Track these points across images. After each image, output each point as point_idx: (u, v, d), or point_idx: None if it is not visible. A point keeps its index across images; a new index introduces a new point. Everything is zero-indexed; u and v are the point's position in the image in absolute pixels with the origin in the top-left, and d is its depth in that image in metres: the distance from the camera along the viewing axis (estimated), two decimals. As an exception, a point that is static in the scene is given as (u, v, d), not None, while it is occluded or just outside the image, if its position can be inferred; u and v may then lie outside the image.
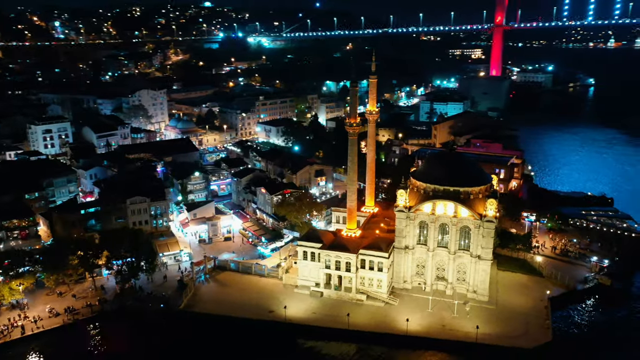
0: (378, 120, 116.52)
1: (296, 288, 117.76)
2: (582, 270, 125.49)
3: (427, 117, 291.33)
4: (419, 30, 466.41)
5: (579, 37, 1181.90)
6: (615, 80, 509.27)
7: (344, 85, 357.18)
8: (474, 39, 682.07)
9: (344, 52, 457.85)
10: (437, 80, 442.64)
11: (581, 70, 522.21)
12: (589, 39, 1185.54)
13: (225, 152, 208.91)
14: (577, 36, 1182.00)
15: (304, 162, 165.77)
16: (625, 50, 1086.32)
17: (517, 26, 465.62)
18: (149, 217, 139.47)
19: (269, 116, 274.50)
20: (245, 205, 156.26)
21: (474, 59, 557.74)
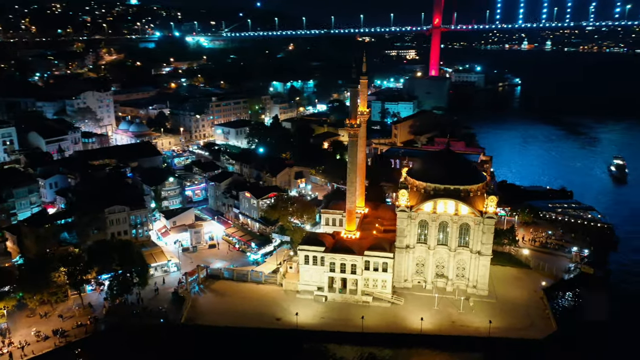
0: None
1: (298, 293, 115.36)
2: (564, 260, 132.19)
3: (380, 116, 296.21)
4: (360, 31, 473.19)
5: (496, 39, 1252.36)
6: (538, 80, 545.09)
7: (292, 85, 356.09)
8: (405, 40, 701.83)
9: (287, 53, 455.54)
10: (377, 80, 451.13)
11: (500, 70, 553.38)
12: (504, 41, 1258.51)
13: (190, 156, 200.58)
14: (494, 38, 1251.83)
15: (283, 164, 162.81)
16: (537, 52, 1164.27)
17: (454, 28, 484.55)
18: (128, 226, 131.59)
19: (223, 118, 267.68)
20: (226, 210, 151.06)
21: (408, 60, 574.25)
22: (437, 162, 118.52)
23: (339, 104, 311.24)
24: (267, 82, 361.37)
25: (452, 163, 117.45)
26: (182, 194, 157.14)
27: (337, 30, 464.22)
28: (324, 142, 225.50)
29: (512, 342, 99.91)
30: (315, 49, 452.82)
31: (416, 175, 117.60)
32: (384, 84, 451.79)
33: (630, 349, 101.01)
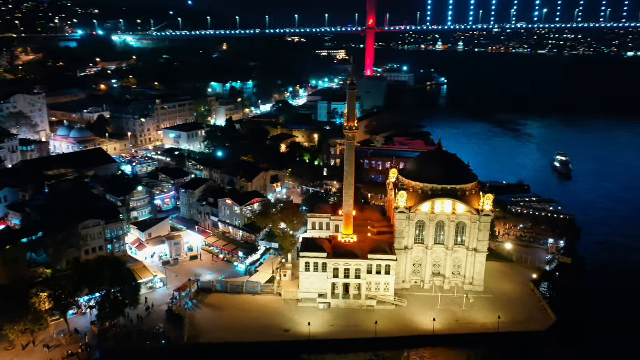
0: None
1: (300, 302, 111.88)
2: (540, 252, 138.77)
3: (327, 117, 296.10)
4: (296, 31, 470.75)
5: (412, 40, 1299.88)
6: (461, 79, 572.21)
7: (232, 86, 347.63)
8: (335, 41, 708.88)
9: (222, 53, 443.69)
10: (313, 80, 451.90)
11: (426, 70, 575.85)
12: (420, 41, 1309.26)
13: (149, 162, 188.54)
14: (410, 39, 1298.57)
15: (258, 168, 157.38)
16: (450, 52, 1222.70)
17: (388, 29, 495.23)
18: (104, 242, 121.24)
19: (169, 121, 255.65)
20: (202, 219, 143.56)
21: (339, 60, 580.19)
22: (432, 162, 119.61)
23: (284, 105, 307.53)
24: (205, 83, 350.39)
25: (447, 163, 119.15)
26: (152, 204, 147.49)
27: (272, 30, 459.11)
28: (281, 144, 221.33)
29: (519, 336, 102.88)
30: (251, 49, 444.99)
31: (411, 176, 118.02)
32: (320, 84, 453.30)
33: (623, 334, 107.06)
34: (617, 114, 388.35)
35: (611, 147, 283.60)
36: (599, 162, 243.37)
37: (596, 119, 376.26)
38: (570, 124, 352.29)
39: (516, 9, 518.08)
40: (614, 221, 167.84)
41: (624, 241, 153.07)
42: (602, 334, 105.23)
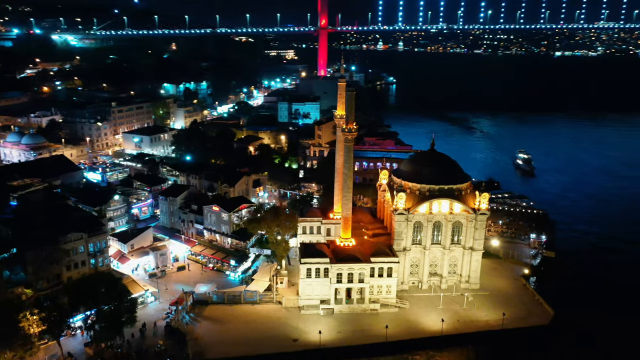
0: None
1: (302, 310, 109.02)
2: (523, 247, 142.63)
3: (287, 117, 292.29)
4: (248, 31, 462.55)
5: (354, 40, 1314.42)
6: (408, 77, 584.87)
7: (186, 87, 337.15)
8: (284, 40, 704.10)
9: (173, 53, 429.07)
10: (265, 80, 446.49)
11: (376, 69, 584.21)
12: (361, 41, 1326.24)
13: (119, 169, 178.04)
14: (352, 39, 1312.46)
15: (239, 173, 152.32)
16: (391, 52, 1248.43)
17: (340, 29, 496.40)
18: (86, 256, 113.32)
19: (126, 124, 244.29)
20: (185, 227, 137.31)
21: (288, 60, 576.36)
22: (427, 162, 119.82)
23: (244, 106, 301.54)
24: (157, 84, 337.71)
25: (442, 163, 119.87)
26: (129, 213, 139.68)
27: (224, 30, 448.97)
28: (248, 146, 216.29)
29: (523, 331, 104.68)
30: (201, 49, 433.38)
31: (407, 177, 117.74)
32: (272, 84, 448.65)
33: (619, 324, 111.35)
34: (563, 110, 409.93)
35: (564, 143, 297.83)
36: (555, 157, 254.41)
37: (545, 115, 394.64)
38: (522, 122, 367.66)
39: (453, 12, 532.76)
40: (582, 213, 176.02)
41: (596, 231, 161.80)
42: (601, 322, 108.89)
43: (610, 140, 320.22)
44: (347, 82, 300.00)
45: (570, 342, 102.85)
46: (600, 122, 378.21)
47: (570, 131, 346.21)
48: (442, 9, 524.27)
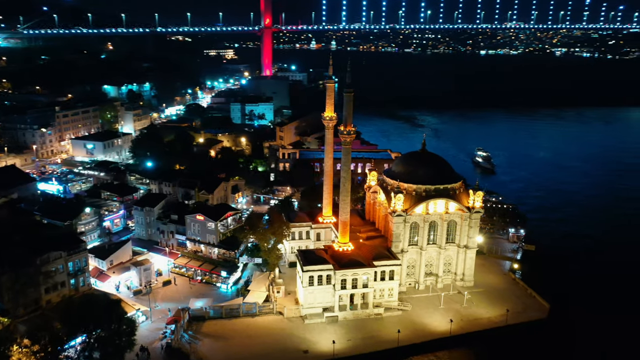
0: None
1: (306, 319, 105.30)
2: (503, 242, 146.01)
3: (241, 119, 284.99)
4: (190, 30, 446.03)
5: (287, 39, 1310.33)
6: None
7: (130, 89, 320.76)
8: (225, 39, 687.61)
9: (110, 53, 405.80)
10: (208, 81, 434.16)
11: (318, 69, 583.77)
12: (294, 40, 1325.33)
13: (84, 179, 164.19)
14: (285, 38, 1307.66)
15: (216, 179, 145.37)
16: (324, 51, 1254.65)
17: (284, 29, 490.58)
18: (66, 276, 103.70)
19: (72, 130, 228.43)
20: (165, 238, 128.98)
21: (228, 60, 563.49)
22: (421, 163, 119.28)
23: (196, 108, 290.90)
24: (97, 86, 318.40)
25: (435, 163, 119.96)
26: (101, 227, 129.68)
27: (164, 29, 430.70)
28: (209, 149, 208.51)
29: (525, 326, 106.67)
30: (140, 49, 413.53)
31: (402, 178, 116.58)
32: (215, 85, 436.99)
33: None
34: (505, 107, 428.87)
35: (509, 138, 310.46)
36: (507, 153, 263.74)
37: (485, 112, 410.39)
38: (467, 119, 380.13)
39: (385, 12, 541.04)
40: (547, 205, 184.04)
41: (564, 221, 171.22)
42: (595, 310, 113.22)
43: (549, 134, 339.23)
44: (291, 81, 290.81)
45: (572, 335, 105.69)
46: (534, 117, 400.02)
47: (511, 126, 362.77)
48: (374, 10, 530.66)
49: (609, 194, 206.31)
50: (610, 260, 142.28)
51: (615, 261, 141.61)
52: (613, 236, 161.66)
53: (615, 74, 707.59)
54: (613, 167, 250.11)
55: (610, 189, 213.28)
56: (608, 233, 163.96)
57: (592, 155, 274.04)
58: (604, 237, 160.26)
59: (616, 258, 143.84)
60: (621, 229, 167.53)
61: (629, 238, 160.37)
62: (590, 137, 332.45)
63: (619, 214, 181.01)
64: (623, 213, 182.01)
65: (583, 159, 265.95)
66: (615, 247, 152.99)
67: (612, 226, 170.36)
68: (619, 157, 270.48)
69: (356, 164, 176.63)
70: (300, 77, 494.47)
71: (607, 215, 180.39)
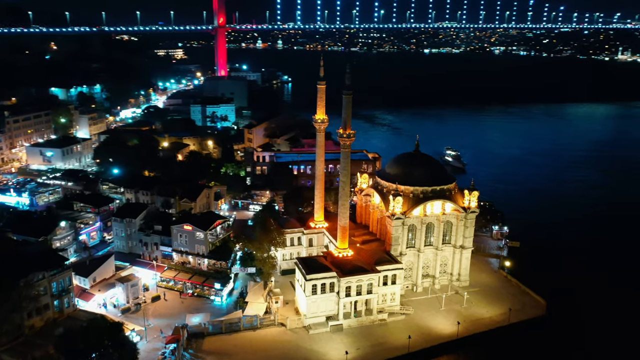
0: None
1: (310, 329, 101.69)
2: (487, 239, 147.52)
3: (202, 121, 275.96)
4: (140, 29, 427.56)
5: (232, 38, 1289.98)
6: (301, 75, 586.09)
7: (80, 92, 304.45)
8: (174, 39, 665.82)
9: (54, 53, 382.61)
10: (159, 82, 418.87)
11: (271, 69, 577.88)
12: (240, 40, 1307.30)
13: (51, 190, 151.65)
14: (230, 38, 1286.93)
15: (198, 186, 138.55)
16: (270, 50, 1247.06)
17: (239, 28, 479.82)
18: (49, 298, 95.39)
19: (23, 136, 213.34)
20: (148, 250, 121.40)
21: (178, 59, 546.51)
22: (416, 164, 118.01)
23: (155, 110, 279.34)
24: (43, 88, 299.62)
25: (430, 164, 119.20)
26: (77, 241, 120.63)
27: (112, 29, 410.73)
28: (176, 154, 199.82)
29: (528, 324, 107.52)
30: (86, 49, 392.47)
31: (398, 180, 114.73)
32: (168, 86, 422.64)
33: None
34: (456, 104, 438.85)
35: (472, 136, 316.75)
36: (473, 151, 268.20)
37: (439, 110, 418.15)
38: (426, 117, 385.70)
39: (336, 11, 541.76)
40: (521, 201, 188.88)
41: (539, 214, 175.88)
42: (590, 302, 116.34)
43: (503, 130, 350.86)
44: (247, 81, 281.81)
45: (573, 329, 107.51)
46: (486, 113, 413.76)
47: (467, 124, 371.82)
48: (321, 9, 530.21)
49: (570, 185, 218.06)
50: (591, 249, 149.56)
51: (595, 249, 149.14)
52: (587, 225, 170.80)
53: (551, 71, 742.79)
54: (569, 159, 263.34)
55: (571, 180, 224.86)
56: (581, 223, 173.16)
57: (547, 150, 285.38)
58: (580, 227, 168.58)
59: (594, 246, 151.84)
60: (590, 217, 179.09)
61: (596, 224, 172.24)
62: (542, 133, 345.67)
63: (585, 203, 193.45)
64: (588, 203, 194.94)
65: (540, 153, 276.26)
66: (590, 235, 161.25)
67: (582, 215, 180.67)
68: (570, 150, 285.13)
69: (334, 165, 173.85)
70: (254, 77, 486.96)
71: (576, 205, 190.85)
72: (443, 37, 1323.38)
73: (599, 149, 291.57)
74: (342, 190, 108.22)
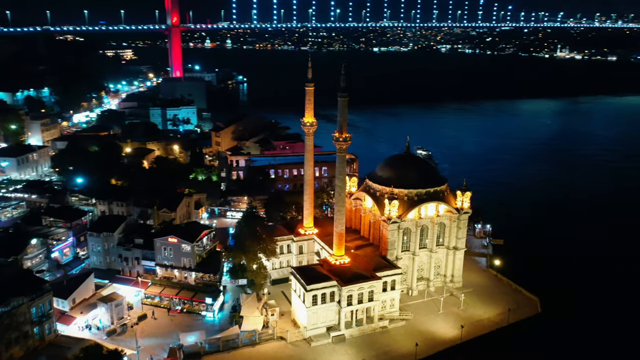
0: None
1: (312, 342, 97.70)
2: (470, 238, 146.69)
3: (162, 124, 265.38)
4: (89, 29, 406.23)
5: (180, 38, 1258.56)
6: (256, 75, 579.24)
7: (28, 95, 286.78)
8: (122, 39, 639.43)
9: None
10: (111, 84, 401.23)
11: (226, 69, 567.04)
12: (187, 39, 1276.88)
13: (13, 204, 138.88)
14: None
15: (177, 194, 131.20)
16: (218, 49, 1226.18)
17: (194, 27, 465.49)
18: (29, 325, 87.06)
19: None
20: (128, 265, 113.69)
21: (127, 60, 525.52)
22: (409, 166, 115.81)
23: (112, 114, 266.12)
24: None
25: (422, 166, 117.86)
26: (50, 259, 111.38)
27: (58, 28, 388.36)
28: (142, 160, 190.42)
29: (526, 323, 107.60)
30: (30, 50, 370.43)
31: (392, 183, 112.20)
32: (120, 88, 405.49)
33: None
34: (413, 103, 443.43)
35: (435, 134, 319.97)
36: (439, 150, 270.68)
37: (401, 109, 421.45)
38: (388, 116, 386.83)
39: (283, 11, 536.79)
40: (496, 197, 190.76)
41: (516, 209, 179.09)
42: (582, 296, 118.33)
43: (461, 127, 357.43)
44: (204, 82, 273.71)
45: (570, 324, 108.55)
46: (442, 111, 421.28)
47: (427, 122, 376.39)
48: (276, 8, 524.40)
49: (538, 179, 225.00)
50: (573, 241, 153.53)
51: (575, 241, 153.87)
52: (563, 218, 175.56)
53: (496, 69, 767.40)
54: (529, 154, 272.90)
55: (538, 175, 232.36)
56: (557, 216, 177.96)
57: (509, 146, 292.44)
58: (556, 221, 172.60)
59: (575, 237, 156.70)
60: (565, 209, 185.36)
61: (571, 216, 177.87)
62: (499, 129, 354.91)
63: (557, 197, 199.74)
64: (558, 195, 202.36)
65: (502, 149, 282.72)
66: (568, 228, 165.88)
67: (557, 209, 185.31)
68: (529, 145, 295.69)
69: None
70: (210, 78, 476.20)
71: (548, 199, 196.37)
72: (391, 35, 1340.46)
73: (553, 143, 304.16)
74: (338, 195, 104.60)
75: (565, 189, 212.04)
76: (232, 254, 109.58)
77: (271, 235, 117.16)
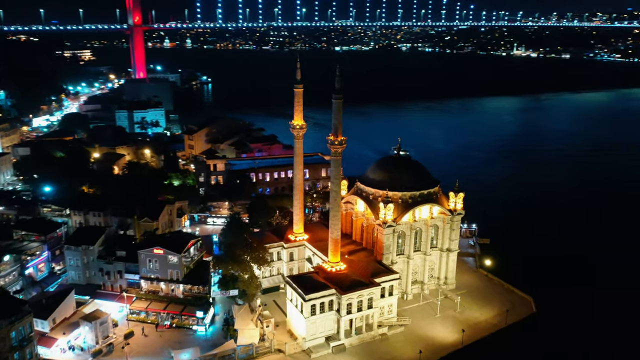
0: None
1: (312, 353, 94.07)
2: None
3: (130, 127, 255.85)
4: (46, 29, 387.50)
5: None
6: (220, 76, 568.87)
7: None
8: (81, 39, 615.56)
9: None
10: (70, 86, 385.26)
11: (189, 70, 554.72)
12: (146, 39, 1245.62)
13: None
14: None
15: (159, 202, 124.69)
16: (178, 49, 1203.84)
17: (157, 27, 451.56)
18: (9, 350, 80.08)
19: None
20: (111, 280, 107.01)
21: (86, 61, 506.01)
22: (401, 168, 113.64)
23: (75, 117, 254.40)
24: None
25: (415, 168, 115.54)
26: (23, 275, 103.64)
27: (12, 28, 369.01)
28: (112, 165, 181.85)
29: (523, 323, 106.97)
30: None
31: (385, 186, 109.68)
32: (80, 90, 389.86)
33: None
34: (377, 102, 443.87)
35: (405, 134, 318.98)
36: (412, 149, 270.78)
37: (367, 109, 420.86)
38: (357, 115, 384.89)
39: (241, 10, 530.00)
40: (477, 196, 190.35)
41: (497, 207, 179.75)
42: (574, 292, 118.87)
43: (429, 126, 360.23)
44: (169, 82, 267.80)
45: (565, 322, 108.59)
46: (407, 110, 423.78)
47: (394, 121, 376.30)
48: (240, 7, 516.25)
49: (509, 176, 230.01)
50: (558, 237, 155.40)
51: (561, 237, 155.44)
52: (540, 215, 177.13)
53: (457, 68, 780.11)
54: (498, 151, 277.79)
55: (508, 171, 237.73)
56: (533, 212, 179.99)
57: (477, 143, 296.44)
58: (534, 217, 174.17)
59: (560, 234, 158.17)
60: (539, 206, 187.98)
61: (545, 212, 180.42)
62: (466, 126, 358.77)
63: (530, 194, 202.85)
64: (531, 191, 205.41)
65: (473, 147, 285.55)
66: (552, 224, 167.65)
67: (532, 206, 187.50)
68: (496, 142, 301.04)
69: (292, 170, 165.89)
70: (173, 78, 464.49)
71: (525, 196, 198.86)
72: (352, 34, 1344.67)
73: (519, 140, 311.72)
74: (333, 200, 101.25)
75: (537, 185, 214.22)
76: (222, 264, 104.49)
77: (261, 243, 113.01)
